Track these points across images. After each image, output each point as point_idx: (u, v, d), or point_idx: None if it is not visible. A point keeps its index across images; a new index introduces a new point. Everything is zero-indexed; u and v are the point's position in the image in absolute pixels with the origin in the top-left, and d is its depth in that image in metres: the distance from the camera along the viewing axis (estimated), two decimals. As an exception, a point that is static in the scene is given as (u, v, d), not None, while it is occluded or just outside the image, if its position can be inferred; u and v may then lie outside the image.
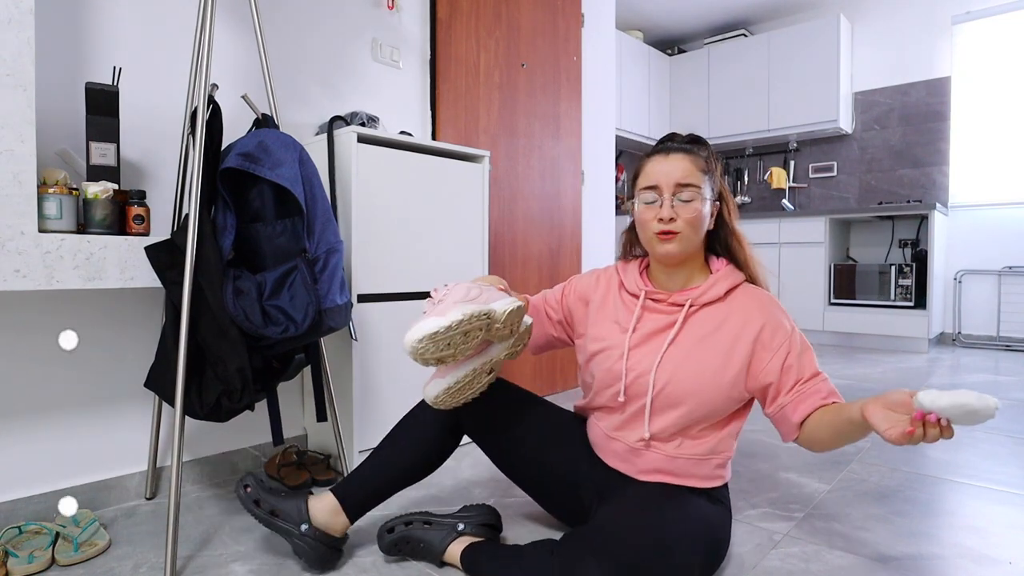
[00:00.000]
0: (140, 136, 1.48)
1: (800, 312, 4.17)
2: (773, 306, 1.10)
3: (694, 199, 1.07)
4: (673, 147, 1.12)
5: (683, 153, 1.10)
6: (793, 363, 1.04)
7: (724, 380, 1.06)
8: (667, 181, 1.07)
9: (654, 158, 1.12)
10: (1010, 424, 2.14)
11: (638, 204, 1.12)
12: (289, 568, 1.14)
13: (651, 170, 1.11)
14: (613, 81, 3.18)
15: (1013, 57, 3.95)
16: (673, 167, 1.08)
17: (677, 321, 1.10)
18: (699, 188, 1.07)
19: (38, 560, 1.12)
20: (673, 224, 1.07)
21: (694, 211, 1.07)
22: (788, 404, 1.04)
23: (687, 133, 1.19)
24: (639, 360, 1.10)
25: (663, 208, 1.07)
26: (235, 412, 1.27)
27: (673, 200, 1.07)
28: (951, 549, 1.21)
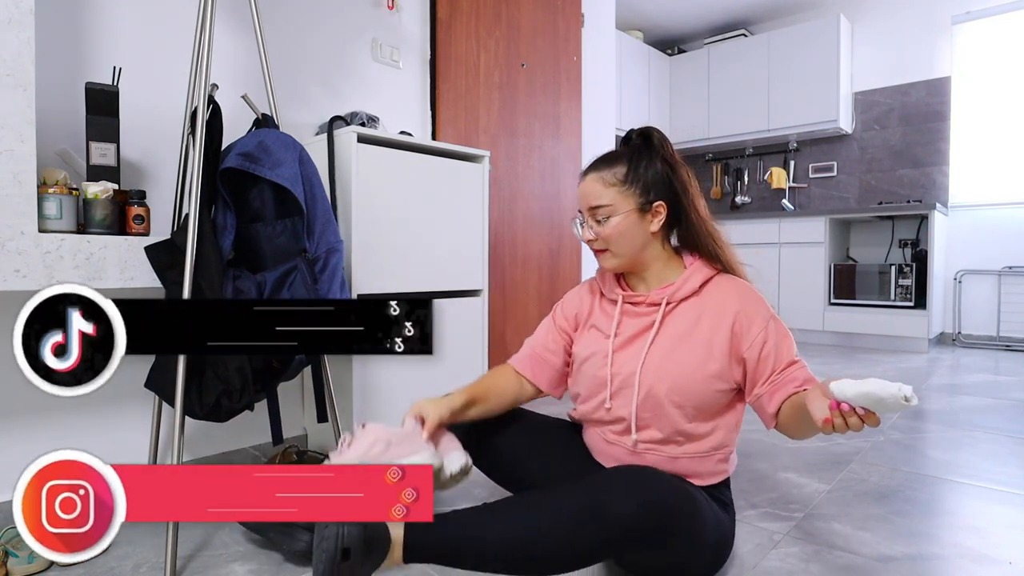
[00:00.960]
0: (140, 136, 1.48)
1: (800, 312, 4.17)
2: (748, 294, 1.10)
3: (609, 217, 1.10)
4: (592, 166, 1.14)
5: (594, 172, 1.12)
6: (770, 352, 1.05)
7: (708, 373, 1.06)
8: (583, 206, 1.13)
9: (580, 181, 1.16)
10: (1010, 424, 2.14)
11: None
12: (289, 568, 1.14)
13: (578, 194, 1.17)
14: (613, 81, 3.18)
15: (1013, 57, 3.95)
16: (585, 192, 1.12)
17: (656, 321, 1.11)
18: (610, 206, 1.09)
19: (38, 560, 1.12)
20: (597, 243, 1.12)
21: (611, 228, 1.10)
22: (764, 395, 1.05)
23: (639, 128, 1.17)
24: (623, 364, 1.11)
25: (584, 230, 1.13)
26: (235, 412, 1.27)
27: (590, 221, 1.12)
28: (951, 549, 1.21)
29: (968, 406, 2.41)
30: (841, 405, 0.83)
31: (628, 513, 0.88)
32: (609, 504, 0.89)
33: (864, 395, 0.81)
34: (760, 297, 1.11)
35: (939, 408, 2.40)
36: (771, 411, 1.04)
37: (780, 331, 1.08)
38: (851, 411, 0.83)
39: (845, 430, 0.84)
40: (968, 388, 2.76)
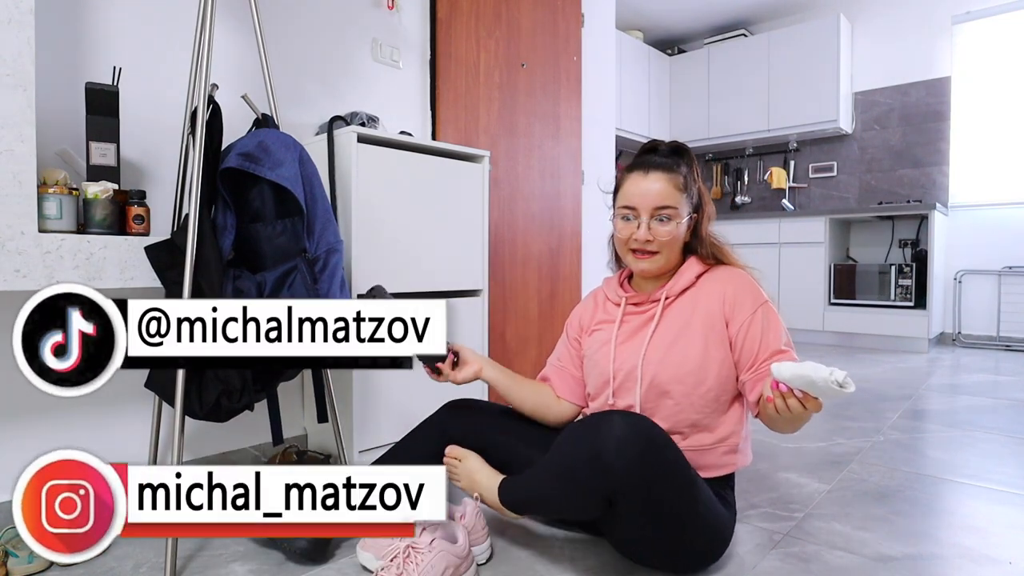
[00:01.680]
0: (140, 136, 1.48)
1: (800, 312, 4.17)
2: (741, 280, 1.11)
3: (671, 220, 1.10)
4: (653, 163, 1.12)
5: (662, 172, 1.11)
6: (755, 338, 1.06)
7: (710, 360, 1.07)
8: (644, 203, 1.10)
9: (633, 175, 1.13)
10: (1010, 424, 2.14)
11: (616, 219, 1.16)
12: (289, 568, 1.14)
13: (630, 189, 1.12)
14: (613, 81, 3.18)
15: (1013, 57, 3.95)
16: (651, 188, 1.10)
17: (655, 314, 1.13)
18: (676, 208, 1.10)
19: (38, 560, 1.12)
20: (649, 244, 1.11)
21: (671, 233, 1.10)
22: (747, 382, 1.06)
23: (670, 141, 1.19)
24: (626, 358, 1.14)
25: (640, 229, 1.10)
26: (235, 412, 1.27)
27: (650, 222, 1.10)
28: (951, 549, 1.21)
29: (968, 406, 2.41)
30: (780, 386, 0.87)
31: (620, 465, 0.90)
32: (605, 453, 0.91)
33: (798, 376, 0.85)
34: (754, 284, 1.11)
35: (939, 408, 2.40)
36: (752, 399, 1.06)
37: (769, 318, 1.07)
38: (789, 392, 0.86)
39: (786, 412, 0.88)
40: (968, 388, 2.76)
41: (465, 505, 1.17)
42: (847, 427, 2.10)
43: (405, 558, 1.02)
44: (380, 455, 1.32)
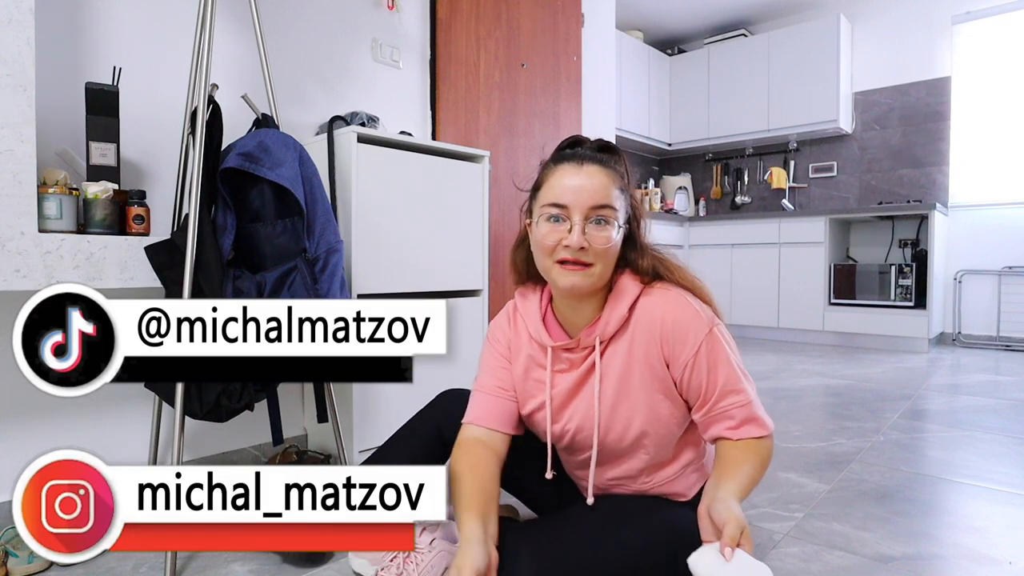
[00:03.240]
0: (140, 136, 1.48)
1: (800, 312, 4.18)
2: (677, 308, 0.93)
3: (609, 224, 0.90)
4: (587, 156, 0.93)
5: (599, 165, 0.92)
6: (701, 381, 0.92)
7: (660, 416, 0.96)
8: (578, 201, 0.89)
9: (563, 167, 0.93)
10: (1010, 424, 2.14)
11: (538, 221, 0.93)
12: (289, 568, 1.14)
13: (560, 183, 0.91)
14: (613, 81, 3.18)
15: (1013, 57, 3.95)
16: (587, 183, 0.90)
17: (596, 367, 0.96)
18: (615, 210, 0.91)
19: (38, 560, 1.12)
20: (583, 254, 0.89)
21: (608, 240, 0.90)
22: (700, 423, 0.96)
23: (595, 139, 0.99)
24: (569, 421, 0.99)
25: (572, 234, 0.89)
26: (235, 412, 1.27)
27: (585, 225, 0.89)
28: (951, 549, 1.21)
29: (968, 406, 2.41)
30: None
31: None
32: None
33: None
34: (693, 309, 0.93)
35: (939, 408, 2.40)
36: (708, 439, 0.98)
37: (715, 351, 0.92)
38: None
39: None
40: (968, 388, 2.76)
41: None
42: (847, 427, 2.10)
43: (405, 558, 1.02)
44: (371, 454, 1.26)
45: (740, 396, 0.93)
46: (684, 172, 5.42)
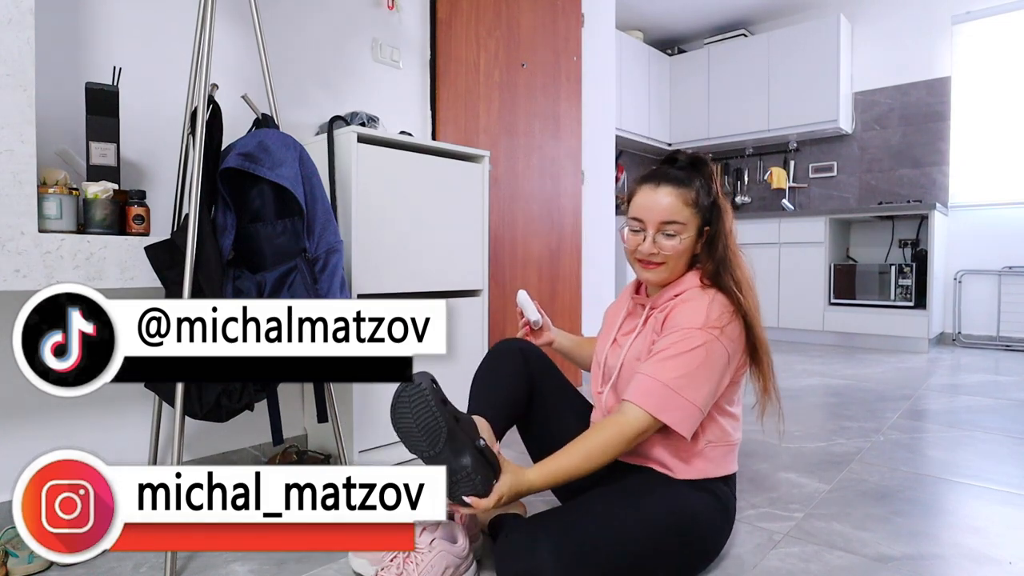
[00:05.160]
0: (140, 136, 1.48)
1: (800, 312, 4.18)
2: (696, 304, 1.08)
3: (677, 235, 1.11)
4: (666, 176, 1.13)
5: (672, 186, 1.11)
6: (657, 347, 1.07)
7: None
8: (651, 217, 1.11)
9: (644, 188, 1.14)
10: (1010, 424, 2.14)
11: (626, 228, 1.17)
12: (289, 568, 1.14)
13: (639, 202, 1.14)
14: (613, 81, 3.17)
15: (1013, 57, 3.95)
16: (659, 202, 1.11)
17: (639, 322, 1.18)
18: (684, 224, 1.11)
19: (38, 560, 1.12)
20: (655, 256, 1.12)
21: (675, 248, 1.11)
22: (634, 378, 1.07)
23: (691, 153, 1.20)
24: (614, 354, 1.21)
25: (645, 242, 1.12)
26: (235, 412, 1.27)
27: (656, 236, 1.11)
28: (951, 549, 1.21)
29: (968, 406, 2.41)
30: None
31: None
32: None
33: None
34: (704, 312, 1.07)
35: (939, 408, 2.40)
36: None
37: (684, 348, 1.04)
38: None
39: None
40: (968, 388, 2.76)
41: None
42: (847, 427, 2.10)
43: (405, 558, 1.02)
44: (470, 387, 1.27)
45: (657, 378, 1.03)
46: (684, 172, 5.42)
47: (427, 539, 1.03)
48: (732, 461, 1.17)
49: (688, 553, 1.06)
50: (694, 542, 1.07)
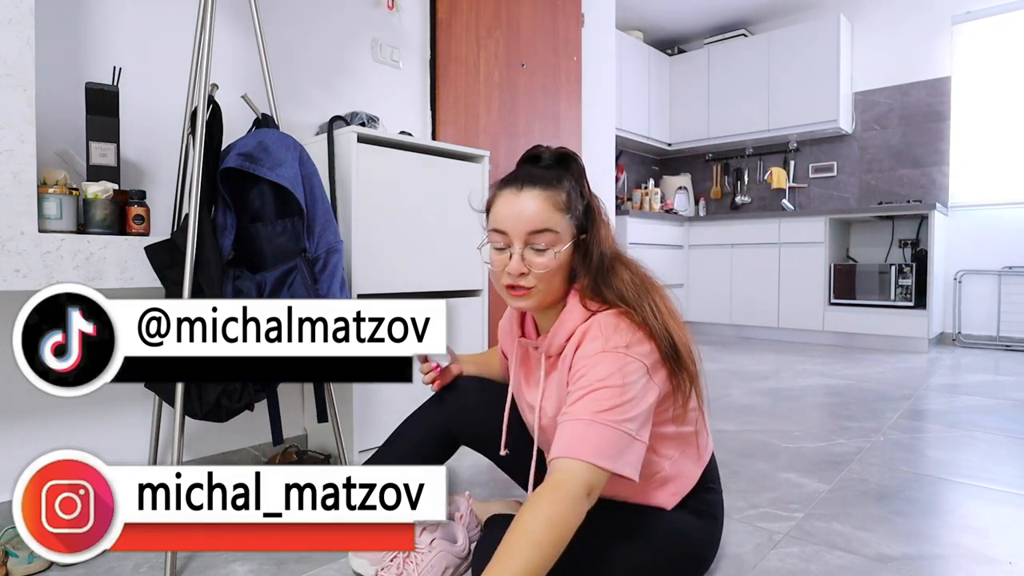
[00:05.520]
0: (140, 136, 1.48)
1: (800, 312, 4.17)
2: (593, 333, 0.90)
3: (550, 247, 0.92)
4: (529, 177, 0.94)
5: (538, 189, 0.93)
6: (569, 392, 0.88)
7: None
8: (516, 228, 0.91)
9: (505, 193, 0.95)
10: (1010, 424, 2.14)
11: (488, 246, 0.97)
12: (289, 568, 1.14)
13: (500, 211, 0.94)
14: (613, 81, 3.18)
15: (1013, 57, 3.95)
16: (524, 209, 0.91)
17: (540, 375, 1.00)
18: (556, 234, 0.92)
19: (38, 560, 1.12)
20: (524, 279, 0.92)
21: (548, 264, 0.91)
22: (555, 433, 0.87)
23: (556, 148, 1.02)
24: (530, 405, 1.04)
25: (512, 261, 0.92)
26: (235, 412, 1.27)
27: (524, 250, 0.92)
28: (951, 549, 1.21)
29: (968, 406, 2.41)
30: None
31: None
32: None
33: None
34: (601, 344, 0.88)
35: (939, 408, 2.40)
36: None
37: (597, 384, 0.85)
38: None
39: None
40: (968, 388, 2.76)
41: (458, 504, 1.17)
42: (847, 427, 2.10)
43: (405, 558, 1.02)
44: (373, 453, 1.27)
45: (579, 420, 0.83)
46: (684, 172, 5.42)
47: (427, 539, 1.03)
48: (701, 456, 1.05)
49: (680, 570, 1.01)
50: (687, 561, 1.02)
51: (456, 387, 1.19)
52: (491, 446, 1.18)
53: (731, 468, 1.68)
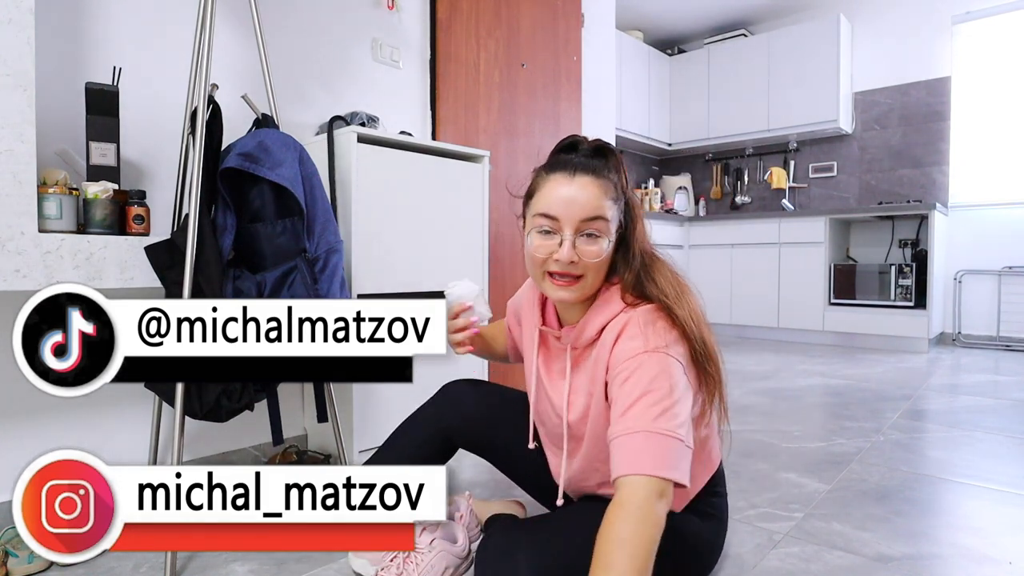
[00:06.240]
0: (140, 136, 1.48)
1: (800, 312, 4.17)
2: (632, 328, 0.88)
3: (602, 237, 0.89)
4: (580, 165, 0.90)
5: (591, 176, 0.89)
6: (616, 398, 0.85)
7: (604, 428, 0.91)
8: (569, 213, 0.87)
9: (556, 177, 0.90)
10: (1010, 424, 2.14)
11: (530, 232, 0.92)
12: (289, 568, 1.14)
13: (552, 194, 0.89)
14: (613, 81, 3.18)
15: (1013, 57, 3.95)
16: (578, 195, 0.88)
17: (565, 365, 0.98)
18: (607, 221, 0.89)
19: (38, 560, 1.12)
20: (573, 267, 0.89)
21: (599, 253, 0.88)
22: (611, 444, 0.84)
23: (592, 140, 0.96)
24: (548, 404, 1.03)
25: (563, 249, 0.88)
26: (235, 412, 1.27)
27: (576, 239, 0.88)
28: (951, 549, 1.21)
29: (968, 406, 2.41)
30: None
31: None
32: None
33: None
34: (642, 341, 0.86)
35: (939, 408, 2.40)
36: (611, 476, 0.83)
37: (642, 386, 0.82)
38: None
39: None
40: (968, 388, 2.76)
41: (458, 504, 1.17)
42: (847, 427, 2.10)
43: (405, 558, 1.02)
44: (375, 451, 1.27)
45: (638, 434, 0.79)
46: (684, 172, 5.42)
47: (427, 539, 1.03)
48: (711, 460, 1.04)
49: (685, 572, 1.00)
50: (690, 564, 1.02)
51: (455, 390, 1.20)
52: (491, 451, 1.19)
53: (731, 468, 1.67)
